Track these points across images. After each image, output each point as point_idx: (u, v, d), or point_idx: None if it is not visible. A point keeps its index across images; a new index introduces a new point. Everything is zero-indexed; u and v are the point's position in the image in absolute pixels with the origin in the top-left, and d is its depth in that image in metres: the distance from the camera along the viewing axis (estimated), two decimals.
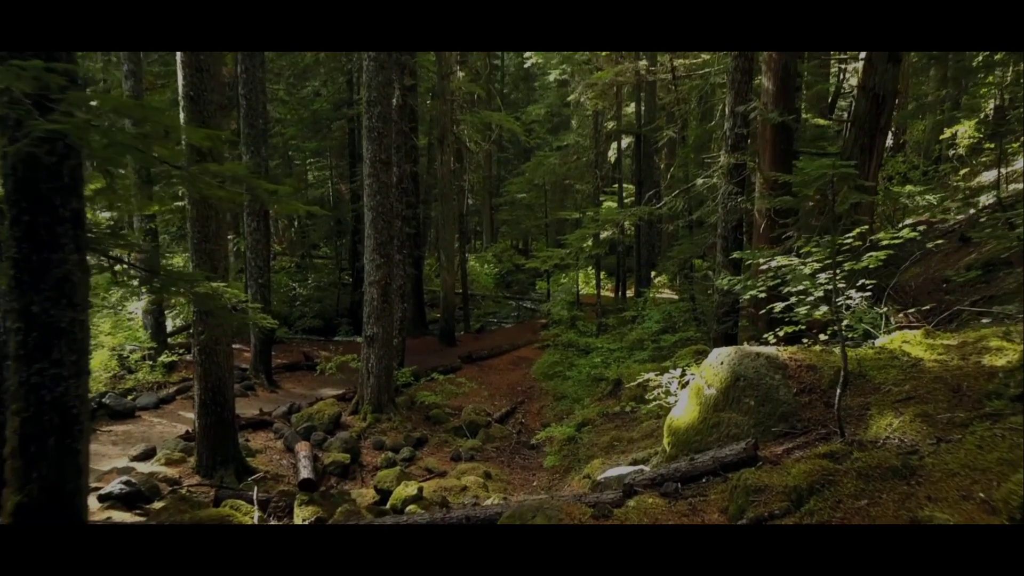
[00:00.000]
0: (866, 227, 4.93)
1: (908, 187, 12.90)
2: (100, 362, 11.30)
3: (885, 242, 5.10)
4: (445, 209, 17.73)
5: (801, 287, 5.62)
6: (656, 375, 6.32)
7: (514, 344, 17.59)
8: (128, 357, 12.00)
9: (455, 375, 14.75)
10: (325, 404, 10.80)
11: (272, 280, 23.16)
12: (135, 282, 5.54)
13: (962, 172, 15.96)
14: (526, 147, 35.40)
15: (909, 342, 5.25)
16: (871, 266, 4.99)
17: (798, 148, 9.05)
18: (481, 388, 13.82)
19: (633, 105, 24.40)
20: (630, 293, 23.47)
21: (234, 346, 15.49)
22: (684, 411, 5.58)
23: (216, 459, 8.00)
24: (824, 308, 5.68)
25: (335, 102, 19.82)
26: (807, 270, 5.38)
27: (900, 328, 5.63)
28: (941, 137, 16.61)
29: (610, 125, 22.71)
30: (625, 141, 26.77)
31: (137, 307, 14.58)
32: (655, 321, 13.16)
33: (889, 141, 17.45)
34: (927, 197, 14.09)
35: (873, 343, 5.39)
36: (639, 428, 9.47)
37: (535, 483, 9.10)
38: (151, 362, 12.09)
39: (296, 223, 28.40)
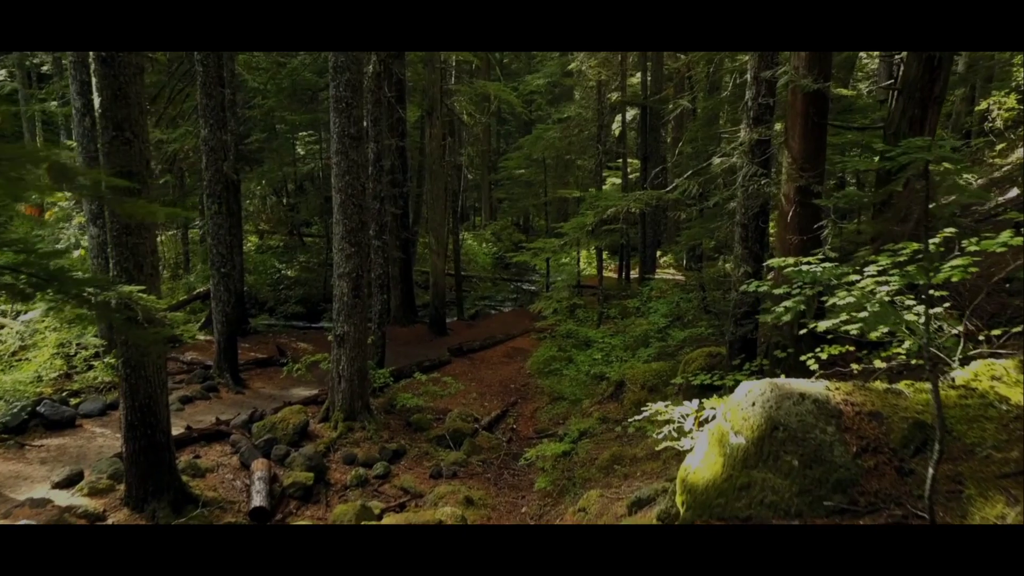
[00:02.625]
0: (954, 230, 3.67)
1: (944, 164, 11.54)
2: (42, 361, 10.12)
3: (972, 248, 3.87)
4: (434, 187, 16.42)
5: (851, 298, 4.41)
6: (665, 406, 5.12)
7: (509, 334, 16.39)
8: (76, 355, 10.81)
9: (443, 370, 13.58)
10: (291, 411, 9.61)
11: (257, 262, 22.18)
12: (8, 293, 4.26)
13: (998, 148, 14.58)
14: (526, 120, 33.91)
15: (1002, 379, 3.99)
16: (955, 279, 3.76)
17: (831, 121, 7.73)
18: (471, 386, 12.64)
19: (639, 75, 22.96)
20: (634, 274, 22.24)
21: (202, 338, 14.41)
22: (703, 462, 4.35)
23: (147, 489, 6.83)
24: (882, 328, 4.47)
25: (316, 69, 18.36)
26: (868, 283, 4.15)
27: (982, 355, 4.37)
28: (977, 108, 15.18)
29: (614, 96, 21.27)
30: (630, 113, 25.34)
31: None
32: (661, 315, 11.91)
33: None
34: (965, 176, 12.76)
35: (952, 379, 4.15)
36: (643, 443, 8.31)
37: (524, 510, 7.93)
38: (102, 360, 10.90)
39: (285, 199, 27.09)
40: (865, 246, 6.76)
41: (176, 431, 9.16)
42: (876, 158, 11.29)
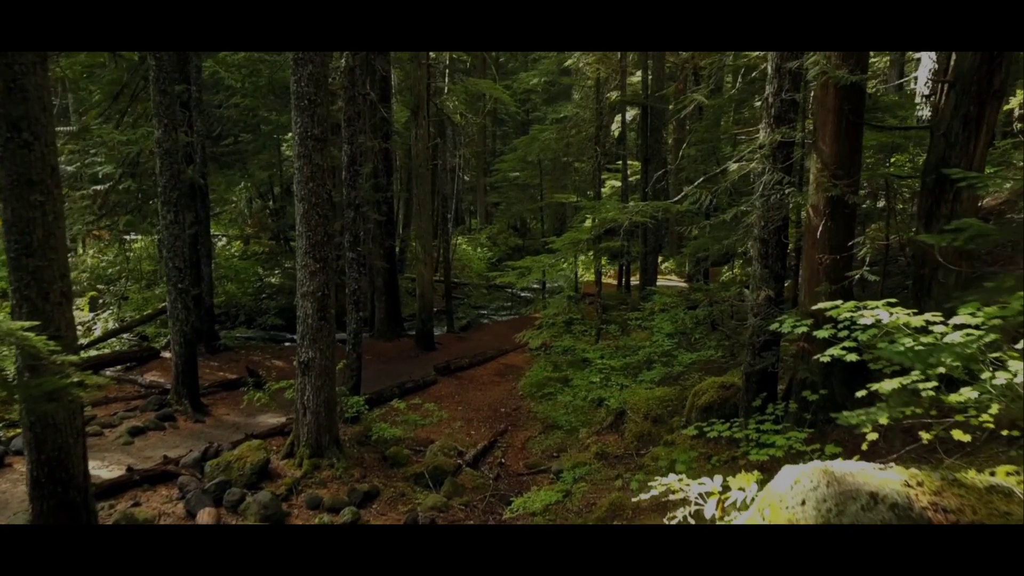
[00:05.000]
0: None
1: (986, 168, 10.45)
2: None
3: None
4: (421, 191, 15.34)
5: (920, 347, 3.41)
6: (679, 480, 4.05)
7: (501, 348, 15.31)
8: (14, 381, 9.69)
9: (428, 392, 12.52)
10: (249, 447, 8.52)
11: (239, 269, 21.08)
12: None
13: None
14: (523, 120, 32.86)
15: None
16: None
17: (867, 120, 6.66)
18: (456, 411, 11.55)
19: (639, 73, 21.94)
20: (634, 280, 21.21)
21: (168, 356, 13.31)
22: None
23: None
24: (969, 391, 3.43)
25: None
26: (957, 337, 3.11)
27: None
28: (1004, 107, 14.09)
29: (613, 95, 20.22)
30: (630, 113, 24.29)
31: None
32: (665, 334, 10.82)
33: (925, 112, 14.95)
34: (999, 182, 11.69)
35: None
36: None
37: None
38: None
39: (271, 202, 25.98)
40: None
41: (116, 473, 8.14)
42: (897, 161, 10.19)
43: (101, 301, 14.79)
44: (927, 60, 14.91)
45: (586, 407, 10.49)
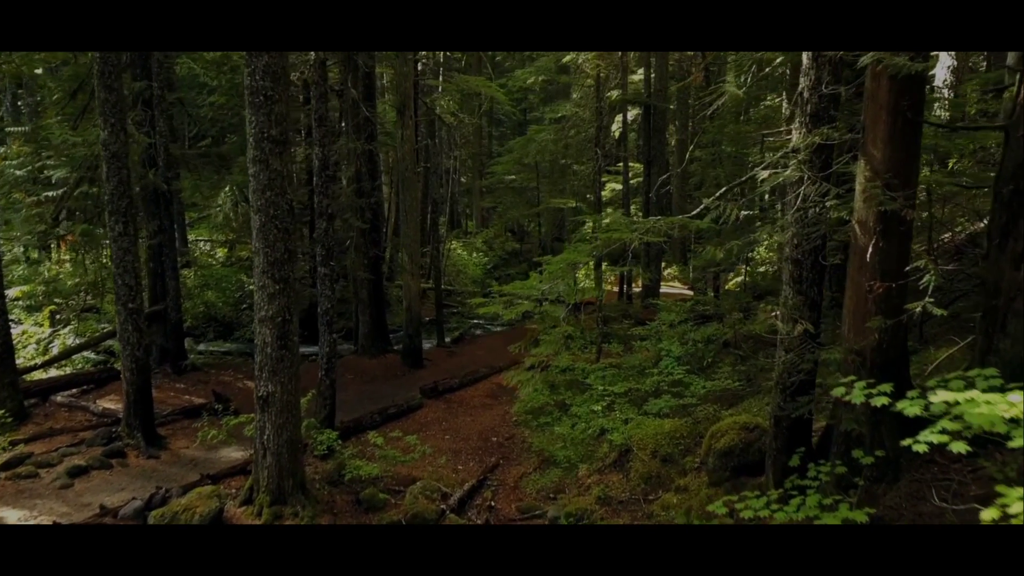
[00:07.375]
0: None
1: None
2: None
3: None
4: (407, 196, 14.24)
5: None
6: None
7: (494, 366, 14.19)
8: None
9: (412, 417, 11.45)
10: (200, 495, 7.44)
11: (220, 276, 20.00)
12: None
13: None
14: (520, 121, 31.82)
15: None
16: None
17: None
18: (443, 439, 10.46)
19: (641, 71, 20.96)
20: (636, 287, 20.20)
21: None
22: None
23: None
24: None
25: None
26: None
27: None
28: None
29: (614, 94, 19.17)
30: (631, 113, 23.26)
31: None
32: (674, 357, 9.74)
33: (944, 113, 13.89)
34: None
35: None
36: None
37: None
38: None
39: None
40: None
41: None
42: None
43: (59, 316, 13.72)
44: (945, 57, 13.84)
45: (586, 440, 9.40)
